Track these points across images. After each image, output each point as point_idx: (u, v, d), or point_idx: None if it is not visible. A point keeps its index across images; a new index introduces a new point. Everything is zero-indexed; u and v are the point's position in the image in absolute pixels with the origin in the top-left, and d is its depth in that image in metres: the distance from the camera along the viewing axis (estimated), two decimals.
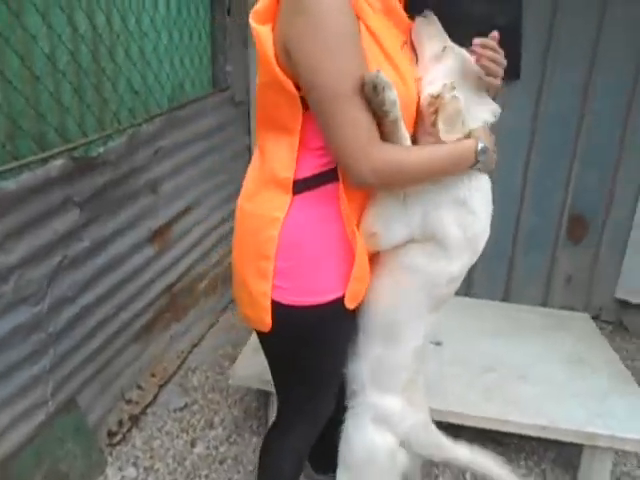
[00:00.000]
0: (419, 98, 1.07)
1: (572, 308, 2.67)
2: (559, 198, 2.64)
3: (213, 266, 2.68)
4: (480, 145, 1.04)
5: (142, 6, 2.01)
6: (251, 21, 1.02)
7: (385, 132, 0.99)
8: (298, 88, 1.00)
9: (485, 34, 1.06)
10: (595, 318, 2.57)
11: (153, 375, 2.21)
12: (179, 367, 2.37)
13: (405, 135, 1.01)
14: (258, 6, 1.03)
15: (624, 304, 2.74)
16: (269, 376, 1.92)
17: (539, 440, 1.86)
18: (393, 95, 0.94)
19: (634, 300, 2.70)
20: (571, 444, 1.80)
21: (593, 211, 2.65)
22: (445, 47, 1.10)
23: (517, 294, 2.81)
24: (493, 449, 1.46)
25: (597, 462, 1.81)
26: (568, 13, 2.37)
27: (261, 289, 1.09)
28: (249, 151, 2.84)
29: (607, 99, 2.45)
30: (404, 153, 1.02)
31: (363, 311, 1.18)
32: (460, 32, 1.13)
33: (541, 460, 1.97)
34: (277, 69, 0.99)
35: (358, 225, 1.10)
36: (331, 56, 0.93)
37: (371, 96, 0.94)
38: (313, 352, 1.17)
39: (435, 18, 1.14)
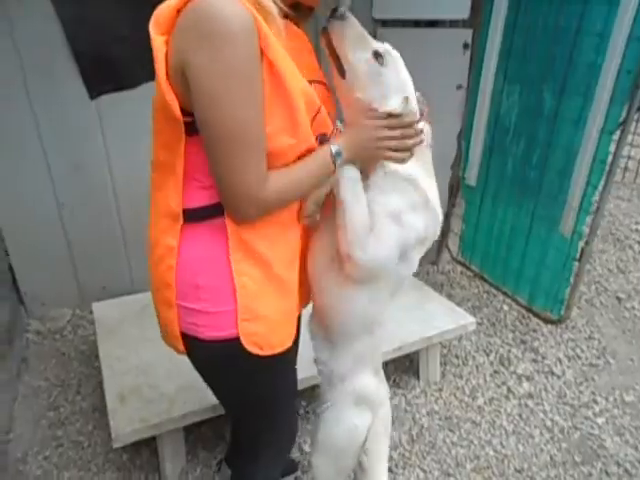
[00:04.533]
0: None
1: None
2: None
3: None
4: (334, 148, 1.03)
5: None
6: (151, 27, 0.90)
7: None
8: (184, 112, 0.92)
9: None
10: None
11: None
12: (4, 469, 1.90)
13: None
14: (159, 11, 0.90)
15: None
16: (153, 418, 1.76)
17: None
18: None
19: None
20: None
21: None
22: (376, 52, 1.06)
23: None
24: None
25: (431, 357, 2.28)
26: None
27: (169, 316, 1.07)
28: None
29: None
30: (283, 182, 0.98)
31: (341, 318, 1.21)
32: None
33: (388, 375, 2.34)
34: (165, 87, 0.91)
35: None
36: (232, 99, 0.87)
37: None
38: (252, 385, 1.13)
39: (353, 18, 1.04)
